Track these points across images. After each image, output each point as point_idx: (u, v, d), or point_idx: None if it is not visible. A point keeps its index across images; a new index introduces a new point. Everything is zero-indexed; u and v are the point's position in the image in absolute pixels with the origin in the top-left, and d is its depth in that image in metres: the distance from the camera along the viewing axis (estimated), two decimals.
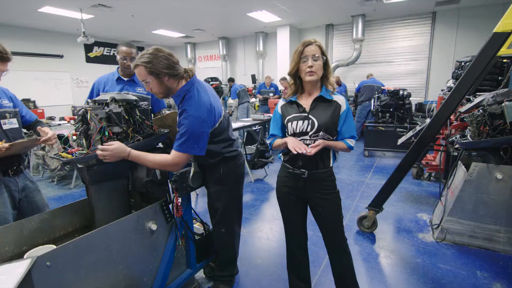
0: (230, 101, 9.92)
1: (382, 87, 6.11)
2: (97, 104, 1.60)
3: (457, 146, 2.54)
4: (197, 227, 2.17)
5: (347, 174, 4.62)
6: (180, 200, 1.73)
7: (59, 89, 9.59)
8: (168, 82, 1.56)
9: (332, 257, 1.70)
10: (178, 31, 9.85)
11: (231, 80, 8.99)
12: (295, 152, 1.42)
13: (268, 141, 1.71)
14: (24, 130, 1.94)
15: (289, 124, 1.55)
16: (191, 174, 1.77)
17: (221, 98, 10.45)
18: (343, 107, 1.54)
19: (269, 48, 10.11)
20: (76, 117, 1.53)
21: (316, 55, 1.46)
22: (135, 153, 1.50)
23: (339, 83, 7.82)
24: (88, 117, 1.49)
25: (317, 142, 1.46)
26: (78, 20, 7.12)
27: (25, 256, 1.29)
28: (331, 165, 1.59)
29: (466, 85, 2.10)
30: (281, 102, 1.65)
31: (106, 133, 1.53)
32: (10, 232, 1.47)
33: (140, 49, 2.72)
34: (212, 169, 1.78)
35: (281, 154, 1.68)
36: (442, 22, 7.52)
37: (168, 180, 1.71)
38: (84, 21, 7.18)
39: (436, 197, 3.20)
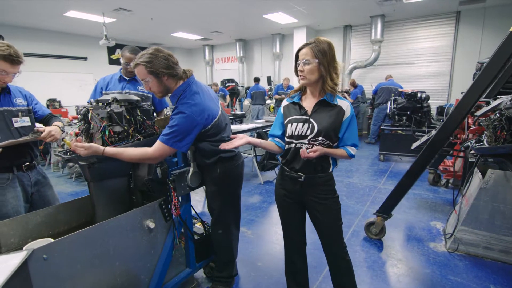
0: (246, 102, 10.00)
1: (400, 89, 5.91)
2: (99, 104, 1.65)
3: (472, 151, 2.40)
4: (198, 227, 2.19)
5: (360, 178, 4.50)
6: (178, 199, 1.75)
7: (83, 90, 10.01)
8: (167, 81, 1.59)
9: (331, 264, 1.66)
10: (196, 34, 10.01)
11: (255, 80, 9.04)
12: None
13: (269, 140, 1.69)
14: (40, 125, 2.02)
15: (289, 125, 1.52)
16: (190, 174, 1.78)
17: (238, 100, 10.56)
18: (347, 113, 1.48)
19: (285, 50, 10.06)
20: (78, 116, 1.59)
21: (306, 59, 1.43)
22: (110, 150, 1.49)
23: (354, 85, 7.66)
24: (89, 117, 1.54)
25: (315, 148, 1.42)
26: (101, 23, 7.41)
27: (23, 248, 1.35)
28: (330, 170, 1.55)
29: (480, 87, 1.99)
30: (285, 102, 1.62)
31: (107, 132, 1.58)
32: (16, 225, 1.55)
33: None
34: (209, 170, 1.79)
35: (279, 156, 1.66)
36: (467, 22, 7.17)
37: (167, 179, 1.73)
38: (106, 24, 7.46)
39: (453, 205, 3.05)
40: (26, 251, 1.15)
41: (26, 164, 1.85)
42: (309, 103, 1.53)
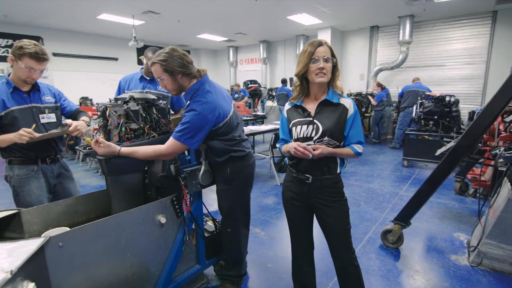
0: (268, 103, 10.02)
1: (427, 93, 5.65)
2: (118, 101, 1.73)
3: (501, 160, 2.25)
4: (210, 224, 2.22)
5: (381, 184, 4.35)
6: (189, 196, 1.79)
7: (113, 88, 10.47)
8: (181, 80, 1.64)
9: (338, 269, 1.62)
10: (221, 35, 10.17)
11: (282, 81, 9.09)
12: (293, 153, 1.40)
13: (277, 146, 1.69)
14: (69, 120, 2.15)
15: (294, 128, 1.52)
16: (201, 172, 1.82)
17: (260, 101, 10.60)
18: (351, 110, 1.47)
19: None
20: (98, 113, 1.67)
21: (327, 57, 1.42)
22: (125, 150, 1.55)
23: (382, 87, 7.41)
24: (107, 114, 1.61)
25: (319, 149, 1.40)
26: (131, 25, 7.75)
27: (42, 235, 1.44)
28: (338, 171, 1.52)
29: (509, 90, 1.85)
30: (287, 106, 1.62)
31: (124, 129, 1.65)
32: (39, 214, 1.66)
33: None
34: (220, 168, 1.82)
35: (287, 158, 1.65)
36: (504, 22, 6.71)
37: (179, 177, 1.78)
38: (135, 26, 7.79)
39: None
40: (43, 238, 1.23)
41: (50, 157, 1.97)
42: (311, 104, 1.52)
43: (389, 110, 7.48)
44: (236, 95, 9.16)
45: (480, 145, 3.14)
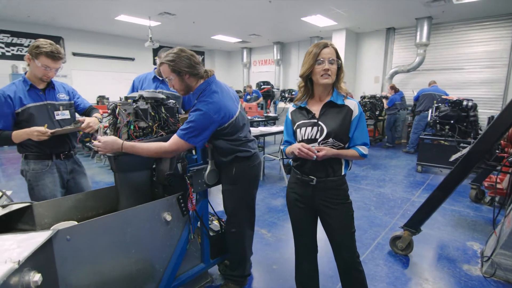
0: (280, 105, 9.98)
1: (444, 96, 5.49)
2: (128, 100, 1.77)
3: None
4: (216, 224, 2.23)
5: (392, 189, 4.25)
6: (194, 195, 1.81)
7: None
8: (188, 80, 1.67)
9: (341, 273, 1.59)
10: (235, 36, 10.25)
11: None
12: (297, 153, 1.40)
13: (281, 147, 1.69)
14: (84, 117, 2.21)
15: (298, 130, 1.52)
16: (207, 171, 1.83)
17: (272, 102, 10.59)
18: (355, 112, 1.45)
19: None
20: (108, 111, 1.72)
21: (332, 58, 1.42)
22: (128, 144, 1.55)
23: (395, 90, 7.26)
24: (117, 112, 1.65)
25: (323, 150, 1.39)
26: (147, 26, 7.92)
27: (50, 228, 1.49)
28: (342, 173, 1.50)
29: None
30: (291, 108, 1.61)
31: (132, 127, 1.68)
32: (50, 207, 1.71)
33: (199, 53, 2.91)
34: (225, 168, 1.83)
35: (291, 160, 1.64)
36: None
37: (185, 175, 1.80)
38: (151, 27, 7.96)
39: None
40: (51, 231, 1.27)
41: (64, 153, 2.04)
42: (316, 106, 1.51)
43: (403, 113, 7.31)
44: (248, 97, 9.16)
45: (497, 151, 3.02)
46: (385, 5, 6.45)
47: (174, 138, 1.62)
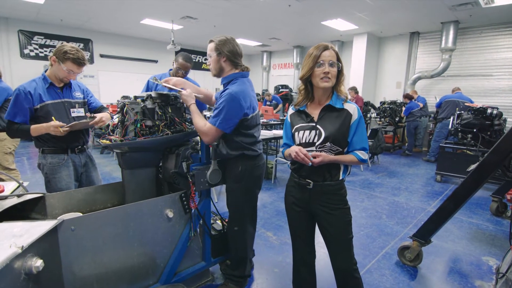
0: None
1: (467, 104, 5.24)
2: (137, 99, 1.85)
3: None
4: (219, 223, 2.26)
5: (407, 198, 4.11)
6: (196, 193, 1.86)
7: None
8: (224, 63, 1.79)
9: (338, 280, 1.57)
10: (255, 40, 10.34)
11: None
12: (293, 157, 1.40)
13: (280, 150, 1.70)
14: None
15: (296, 133, 1.51)
16: (210, 170, 1.87)
17: (290, 106, 10.54)
18: (355, 116, 1.43)
19: (344, 57, 9.73)
20: (117, 109, 1.80)
21: (332, 61, 1.40)
22: (194, 107, 1.78)
23: (410, 97, 6.94)
24: (125, 110, 1.73)
25: (320, 157, 1.38)
26: (170, 30, 8.17)
27: (57, 218, 1.58)
28: (340, 177, 1.49)
29: None
30: (290, 111, 1.61)
31: (139, 125, 1.75)
32: (61, 199, 1.82)
33: None
34: (230, 166, 1.87)
35: (289, 163, 1.64)
36: None
37: (187, 174, 1.85)
38: (174, 31, 8.20)
39: None
40: (57, 220, 1.35)
41: (78, 147, 2.15)
42: (315, 110, 1.50)
43: (425, 120, 7.03)
44: (268, 103, 9.13)
45: None
46: (409, 9, 6.28)
47: (208, 126, 1.71)
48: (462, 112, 4.72)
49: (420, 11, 6.45)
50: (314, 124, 1.46)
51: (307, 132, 1.47)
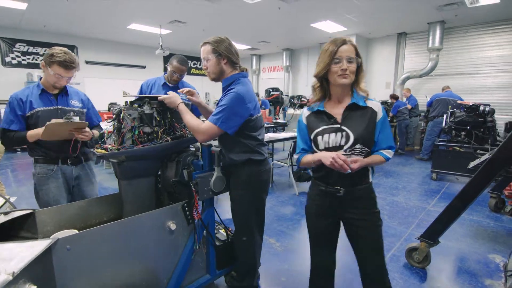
0: (289, 111, 9.91)
1: (459, 102, 5.31)
2: (133, 105, 1.73)
3: None
4: (222, 233, 2.16)
5: (406, 197, 4.09)
6: (200, 203, 1.75)
7: None
8: (224, 65, 1.71)
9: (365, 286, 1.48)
10: (244, 43, 10.29)
11: None
12: (328, 164, 1.24)
13: (295, 156, 1.53)
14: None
15: (319, 138, 1.36)
16: (214, 178, 1.77)
17: (281, 108, 10.53)
18: (380, 114, 1.35)
19: None
20: (113, 116, 1.68)
21: (351, 57, 1.30)
22: (183, 107, 1.68)
23: (395, 97, 7.13)
24: (121, 117, 1.62)
25: (358, 161, 1.26)
26: (158, 35, 8.03)
27: (51, 237, 1.45)
28: (370, 179, 1.41)
29: None
30: (306, 112, 1.47)
31: (136, 132, 1.64)
32: (53, 214, 1.68)
33: None
34: (236, 172, 1.77)
35: (310, 170, 1.55)
36: None
37: (190, 182, 1.74)
38: (162, 35, 8.07)
39: None
40: (50, 240, 1.22)
41: (72, 158, 2.01)
42: (335, 109, 1.38)
43: (415, 120, 7.13)
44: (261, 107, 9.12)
45: None
46: (396, 10, 6.36)
47: (207, 124, 1.61)
48: (455, 110, 4.78)
49: (407, 12, 6.55)
50: (338, 126, 1.34)
51: (332, 135, 1.34)
